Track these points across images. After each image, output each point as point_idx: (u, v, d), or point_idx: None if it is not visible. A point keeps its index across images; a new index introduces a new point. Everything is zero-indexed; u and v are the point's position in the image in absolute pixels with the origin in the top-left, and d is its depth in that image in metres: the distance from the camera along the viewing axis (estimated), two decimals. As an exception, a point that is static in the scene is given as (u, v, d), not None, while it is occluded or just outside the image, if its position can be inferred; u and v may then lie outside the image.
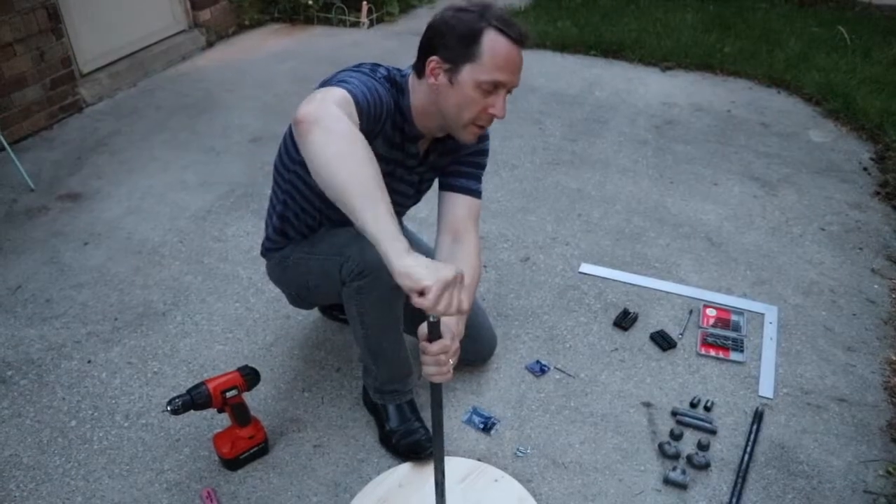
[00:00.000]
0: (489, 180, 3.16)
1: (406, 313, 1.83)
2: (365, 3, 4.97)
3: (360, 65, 1.68)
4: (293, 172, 1.83)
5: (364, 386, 2.07)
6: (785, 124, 3.97)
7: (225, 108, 3.92)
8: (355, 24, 5.04)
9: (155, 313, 2.41)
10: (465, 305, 1.25)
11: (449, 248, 1.83)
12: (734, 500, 1.92)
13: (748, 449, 2.06)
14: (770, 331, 2.51)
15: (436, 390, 1.44)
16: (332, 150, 1.29)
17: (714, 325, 2.51)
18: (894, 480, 2.03)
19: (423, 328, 1.39)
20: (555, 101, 4.08)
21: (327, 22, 5.05)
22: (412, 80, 1.70)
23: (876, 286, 2.81)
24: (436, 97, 1.63)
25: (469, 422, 2.10)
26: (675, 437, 2.09)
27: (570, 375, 2.28)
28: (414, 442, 1.95)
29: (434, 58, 1.60)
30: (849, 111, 3.99)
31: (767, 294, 2.70)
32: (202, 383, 1.76)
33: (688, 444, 2.08)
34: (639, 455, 2.05)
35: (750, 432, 2.12)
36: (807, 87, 4.28)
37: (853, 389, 2.31)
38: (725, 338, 2.46)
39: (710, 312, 2.57)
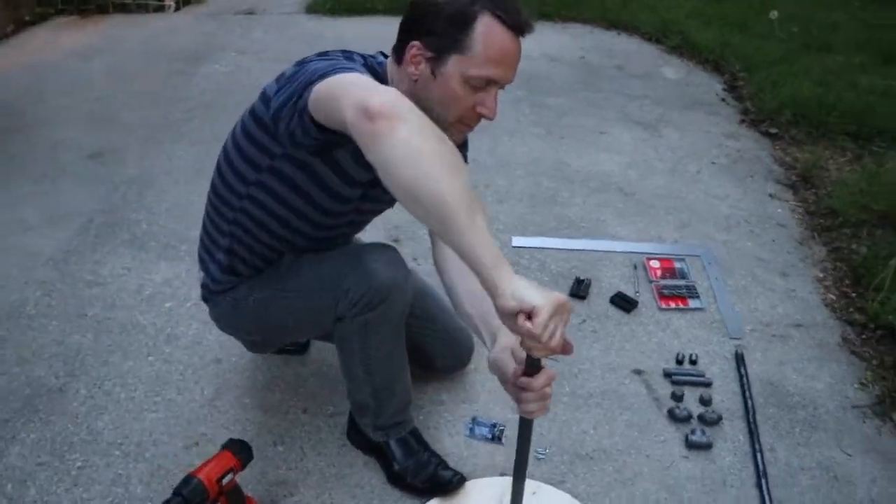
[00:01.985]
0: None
1: None
2: (168, -18, 4.41)
3: (325, 53, 1.38)
4: (247, 198, 1.51)
5: (355, 426, 1.80)
6: (638, 65, 4.10)
7: (40, 124, 3.26)
8: (160, 9, 4.46)
9: (49, 391, 1.92)
10: (561, 341, 1.05)
11: (458, 262, 1.56)
12: (757, 447, 1.92)
13: (747, 394, 2.08)
14: (712, 272, 2.56)
15: (528, 427, 1.25)
16: (428, 152, 1.02)
17: (663, 277, 2.51)
18: (869, 390, 2.15)
19: (508, 362, 1.27)
20: None
21: (124, 9, 4.43)
22: (391, 67, 1.43)
23: (779, 210, 2.98)
24: (416, 88, 1.36)
25: (473, 435, 1.91)
26: (678, 398, 2.05)
27: (553, 359, 2.15)
28: (432, 476, 1.72)
29: (415, 43, 1.33)
30: (688, 46, 4.21)
31: (694, 235, 2.76)
32: (190, 476, 1.39)
33: (691, 401, 2.05)
34: (653, 426, 1.98)
35: (741, 377, 2.14)
36: (643, 26, 4.45)
37: (803, 313, 2.42)
38: (678, 287, 2.46)
39: (654, 264, 2.56)
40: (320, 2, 4.43)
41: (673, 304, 2.39)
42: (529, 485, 1.75)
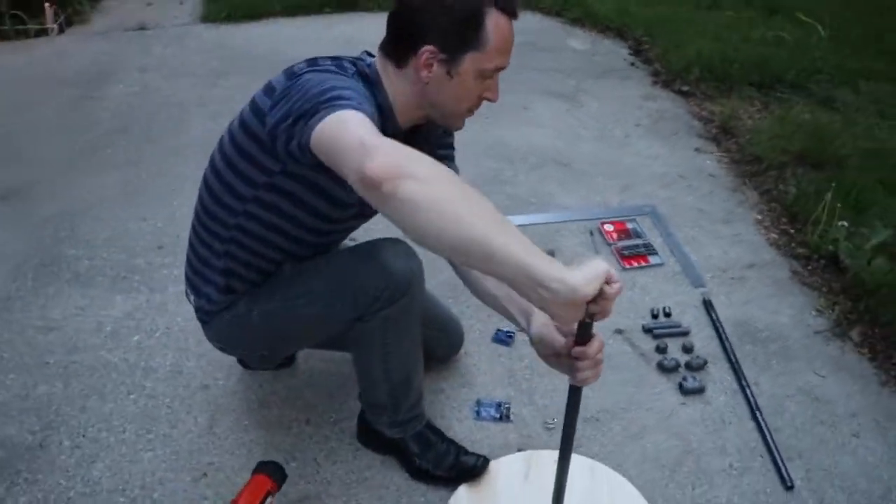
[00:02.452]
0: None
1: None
2: (48, 4, 4.12)
3: (314, 61, 1.35)
4: (244, 215, 1.46)
5: (367, 427, 1.78)
6: (545, 40, 4.21)
7: (-67, 169, 2.99)
8: (42, 33, 4.18)
9: (27, 449, 1.78)
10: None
11: None
12: (744, 384, 2.04)
13: (723, 337, 2.20)
14: (662, 228, 2.68)
15: (578, 396, 1.29)
16: (440, 198, 1.00)
17: (620, 239, 2.60)
18: (826, 316, 2.32)
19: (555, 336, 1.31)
20: None
21: (2, 36, 4.12)
22: (386, 69, 1.41)
23: (707, 162, 3.15)
24: (426, 90, 1.38)
25: (481, 416, 1.93)
26: (663, 350, 2.15)
27: (536, 331, 2.19)
28: (455, 464, 1.73)
29: (428, 48, 1.32)
30: (589, 17, 4.36)
31: (637, 196, 2.87)
32: (232, 506, 1.35)
33: (675, 352, 2.15)
34: (646, 380, 2.06)
35: (713, 321, 2.26)
36: (542, 1, 4.56)
37: (752, 255, 2.58)
38: (636, 246, 2.56)
39: (609, 228, 2.65)
40: (214, 11, 4.29)
41: (635, 264, 2.49)
42: (547, 456, 1.80)
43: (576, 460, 1.79)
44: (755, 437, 1.91)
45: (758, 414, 1.96)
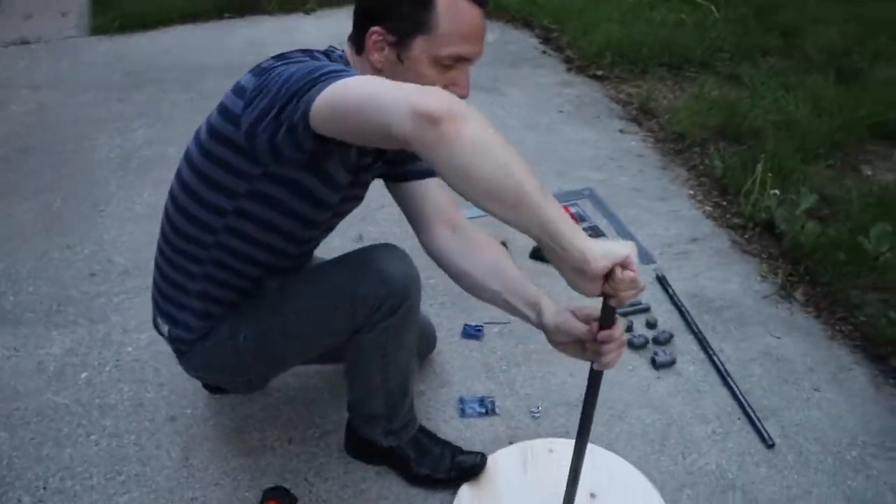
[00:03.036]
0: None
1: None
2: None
3: (283, 56, 1.27)
4: (223, 231, 1.38)
5: (356, 437, 1.73)
6: (455, 35, 4.22)
7: None
8: None
9: (-16, 510, 1.63)
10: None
11: (460, 242, 1.53)
12: (711, 352, 2.12)
13: (683, 310, 2.28)
14: (603, 210, 2.75)
15: (599, 381, 1.30)
16: (496, 144, 0.98)
17: (566, 223, 2.64)
18: (770, 280, 2.45)
19: (579, 319, 1.30)
20: (237, 77, 3.65)
21: None
22: (350, 56, 1.35)
23: (633, 143, 3.25)
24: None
25: (466, 413, 1.91)
26: (629, 328, 2.20)
27: (503, 323, 2.20)
28: (453, 465, 1.71)
29: (376, 29, 1.26)
30: (495, 7, 4.41)
31: (573, 181, 2.93)
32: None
33: (640, 328, 2.22)
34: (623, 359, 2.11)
35: (670, 296, 2.34)
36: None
37: (692, 229, 2.69)
38: (584, 230, 2.60)
39: (554, 214, 2.69)
40: (105, 22, 4.04)
41: (585, 247, 2.54)
42: (540, 444, 1.82)
43: (569, 445, 1.82)
44: (730, 402, 1.99)
45: (729, 380, 2.04)
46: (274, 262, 1.45)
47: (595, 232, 2.60)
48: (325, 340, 1.47)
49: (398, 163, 1.55)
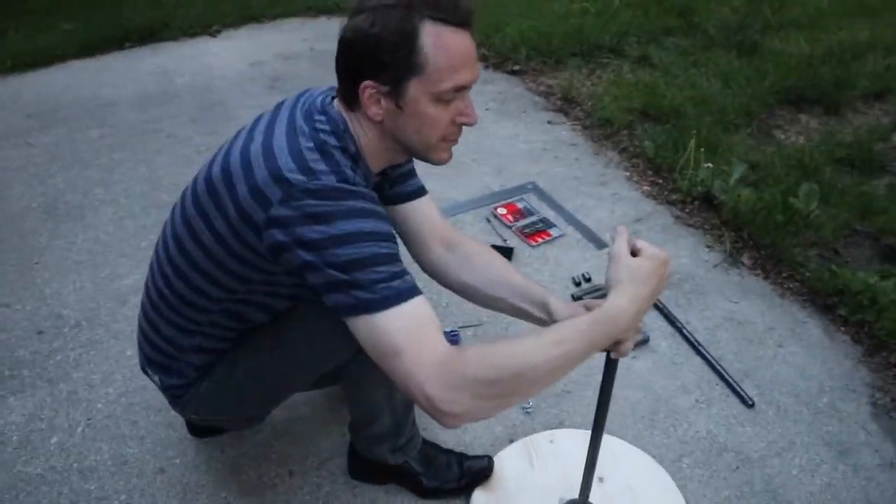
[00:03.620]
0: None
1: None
2: None
3: (276, 111, 1.28)
4: (231, 302, 1.36)
5: (360, 459, 1.71)
6: (366, 44, 4.22)
7: None
8: None
9: None
10: None
11: (458, 258, 1.54)
12: (679, 325, 2.22)
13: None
14: (549, 201, 2.82)
15: (614, 366, 1.36)
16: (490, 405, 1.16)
17: (517, 219, 2.70)
18: (717, 250, 2.58)
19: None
20: (153, 107, 3.53)
21: None
22: (345, 113, 1.27)
23: (563, 133, 3.35)
24: (384, 128, 1.26)
25: (460, 419, 1.93)
26: (598, 312, 2.27)
27: (477, 325, 2.23)
28: (462, 473, 1.72)
29: (367, 83, 1.20)
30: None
31: (513, 176, 2.99)
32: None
33: (608, 312, 2.29)
34: (595, 343, 2.18)
35: (630, 275, 2.43)
36: (347, 5, 4.56)
37: (635, 209, 2.80)
38: (535, 223, 2.68)
39: (502, 211, 2.75)
40: (-6, 61, 3.82)
41: (540, 240, 2.60)
42: (540, 438, 1.86)
43: (568, 434, 1.88)
44: (706, 370, 2.10)
45: (701, 349, 2.14)
46: (276, 313, 1.43)
47: (545, 224, 2.67)
48: (328, 362, 1.45)
49: (388, 187, 1.54)
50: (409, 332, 1.13)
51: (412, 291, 1.16)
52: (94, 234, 2.58)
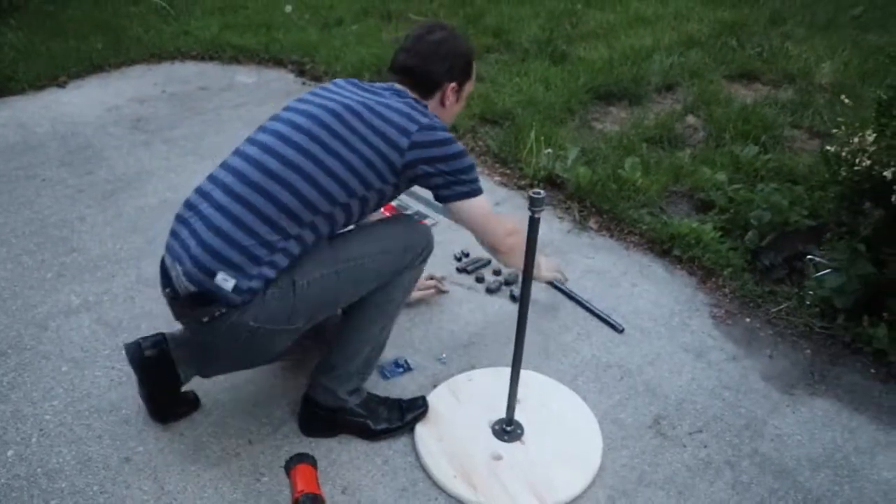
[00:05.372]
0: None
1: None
2: None
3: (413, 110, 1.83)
4: (322, 215, 1.75)
5: (313, 412, 1.96)
6: (213, 81, 4.40)
7: None
8: None
9: None
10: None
11: None
12: (558, 284, 2.65)
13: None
14: (418, 197, 3.18)
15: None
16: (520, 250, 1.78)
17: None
18: (567, 219, 3.07)
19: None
20: (18, 157, 3.41)
21: None
22: (426, 102, 1.93)
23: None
24: (446, 110, 1.98)
25: (387, 376, 2.21)
26: (481, 280, 2.67)
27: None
28: (403, 412, 2.02)
29: (451, 84, 1.94)
30: (241, 52, 4.68)
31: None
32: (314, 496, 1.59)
33: (489, 276, 2.68)
34: (487, 303, 2.56)
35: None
36: (188, 49, 4.74)
37: (494, 196, 3.23)
38: (411, 216, 3.02)
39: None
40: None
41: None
42: (461, 378, 2.19)
43: (482, 372, 2.22)
44: (580, 311, 2.53)
45: (573, 294, 2.58)
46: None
47: (420, 216, 3.02)
48: (376, 280, 1.87)
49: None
50: (486, 209, 1.98)
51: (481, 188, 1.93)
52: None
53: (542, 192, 1.61)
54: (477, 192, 1.90)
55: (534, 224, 1.65)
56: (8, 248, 2.74)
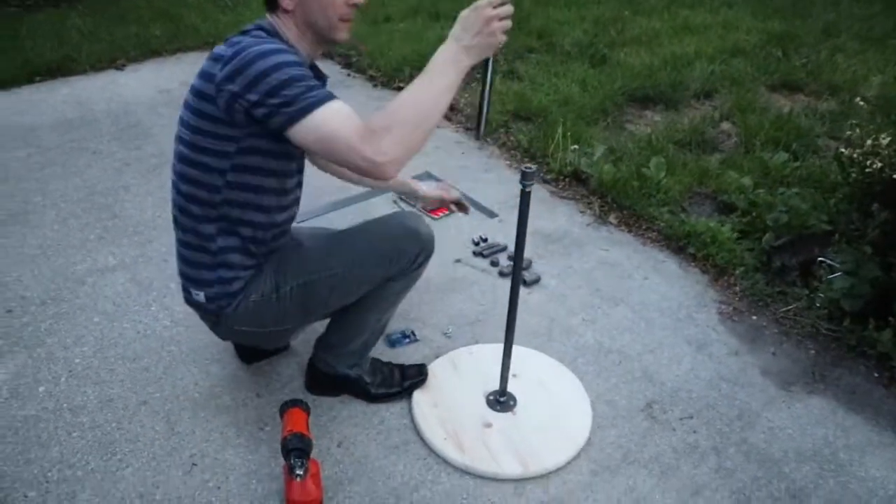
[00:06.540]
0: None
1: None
2: None
3: (242, 40, 1.55)
4: (227, 188, 1.66)
5: (321, 373, 2.08)
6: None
7: None
8: None
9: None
10: None
11: None
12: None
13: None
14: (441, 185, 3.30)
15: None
16: (411, 135, 1.48)
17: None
18: (588, 214, 3.15)
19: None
20: (74, 130, 3.72)
21: None
22: (273, 21, 1.66)
23: (448, 133, 3.87)
24: (296, 19, 1.64)
25: (394, 345, 2.33)
26: (496, 264, 2.78)
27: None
28: (402, 377, 2.13)
29: None
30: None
31: (410, 168, 3.46)
32: (300, 436, 1.72)
33: (504, 261, 2.79)
34: (498, 286, 2.66)
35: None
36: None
37: (516, 188, 3.31)
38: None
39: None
40: None
41: (441, 214, 3.06)
42: (462, 351, 2.30)
43: (484, 347, 2.32)
44: (588, 297, 2.62)
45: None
46: (276, 203, 1.74)
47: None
48: (363, 288, 1.84)
49: None
50: (336, 120, 1.46)
51: (329, 96, 1.49)
52: (42, 233, 2.86)
53: (532, 166, 1.71)
54: (310, 107, 1.46)
55: (525, 198, 1.75)
56: (57, 211, 2.99)
